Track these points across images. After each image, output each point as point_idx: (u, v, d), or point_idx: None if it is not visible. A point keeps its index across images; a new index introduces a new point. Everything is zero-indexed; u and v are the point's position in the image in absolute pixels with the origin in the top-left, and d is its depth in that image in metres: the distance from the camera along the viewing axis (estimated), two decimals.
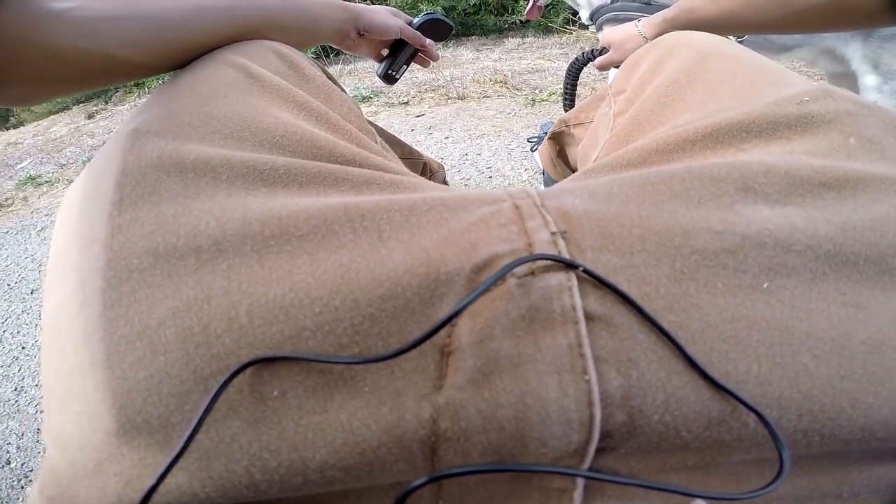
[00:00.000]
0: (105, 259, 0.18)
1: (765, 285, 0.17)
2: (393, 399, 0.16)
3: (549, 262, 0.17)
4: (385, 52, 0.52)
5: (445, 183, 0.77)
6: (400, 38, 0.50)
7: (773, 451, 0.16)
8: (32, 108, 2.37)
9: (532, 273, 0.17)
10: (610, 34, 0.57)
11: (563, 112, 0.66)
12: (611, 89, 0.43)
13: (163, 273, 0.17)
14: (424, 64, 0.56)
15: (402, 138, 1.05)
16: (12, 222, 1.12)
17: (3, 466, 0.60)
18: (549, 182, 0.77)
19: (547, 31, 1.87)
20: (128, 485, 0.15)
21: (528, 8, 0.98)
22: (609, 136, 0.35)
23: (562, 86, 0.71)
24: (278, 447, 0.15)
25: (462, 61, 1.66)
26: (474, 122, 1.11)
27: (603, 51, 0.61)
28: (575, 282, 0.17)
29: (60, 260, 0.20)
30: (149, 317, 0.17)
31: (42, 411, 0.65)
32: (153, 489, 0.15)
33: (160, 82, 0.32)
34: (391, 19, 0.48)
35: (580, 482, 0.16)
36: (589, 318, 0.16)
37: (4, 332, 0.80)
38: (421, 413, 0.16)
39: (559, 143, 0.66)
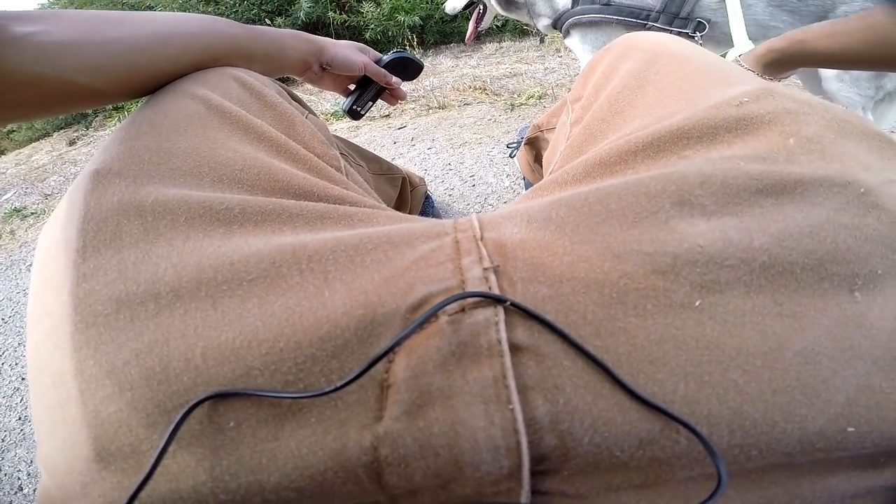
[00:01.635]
0: (73, 306, 0.20)
1: (697, 303, 0.17)
2: (337, 428, 0.17)
3: (479, 299, 0.18)
4: (352, 87, 0.53)
5: (428, 197, 0.78)
6: (366, 75, 0.50)
7: (707, 466, 0.16)
8: (13, 136, 2.34)
9: (463, 310, 0.18)
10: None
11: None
12: (569, 97, 0.43)
13: (125, 318, 0.19)
14: (391, 102, 0.55)
15: (385, 152, 1.07)
16: (2, 257, 1.12)
17: (17, 493, 0.61)
18: (529, 187, 0.79)
19: (523, 34, 1.89)
20: None
21: (468, 34, 1.01)
22: (564, 146, 0.36)
23: (539, 90, 0.71)
24: (237, 471, 0.17)
25: (441, 69, 1.68)
26: (456, 131, 1.13)
27: None
28: (502, 316, 0.18)
29: (36, 304, 0.22)
30: (115, 358, 0.18)
31: None
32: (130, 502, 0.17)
33: (139, 106, 0.31)
34: (355, 55, 0.48)
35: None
36: (516, 349, 0.17)
37: (3, 364, 0.81)
38: (362, 441, 0.17)
39: (535, 148, 0.68)
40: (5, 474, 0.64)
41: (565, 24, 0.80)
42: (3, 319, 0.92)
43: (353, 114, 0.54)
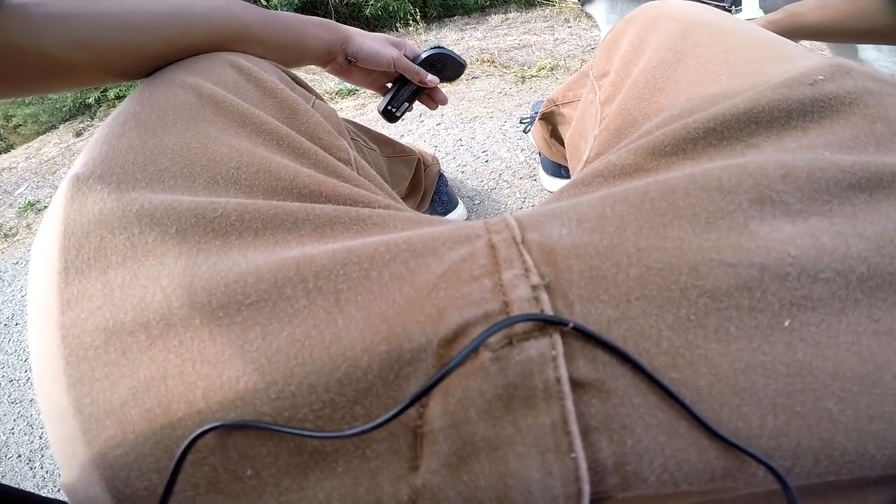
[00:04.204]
0: (60, 336, 0.18)
1: (786, 323, 0.15)
2: (369, 479, 0.16)
3: (528, 328, 0.15)
4: (388, 85, 0.49)
5: (441, 175, 0.75)
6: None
7: (777, 483, 0.15)
8: (20, 130, 2.35)
9: (510, 343, 0.15)
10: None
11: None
12: (592, 72, 0.39)
13: (116, 350, 0.17)
14: (429, 105, 0.51)
15: (393, 129, 1.04)
16: (20, 252, 1.13)
17: (59, 490, 0.63)
18: (545, 163, 0.77)
19: (529, 4, 1.82)
20: None
21: None
22: (598, 129, 0.33)
23: (550, 62, 0.68)
24: None
25: (446, 43, 1.63)
26: (465, 105, 1.10)
27: None
28: (560, 349, 0.15)
29: (33, 329, 0.20)
30: (111, 396, 0.17)
31: None
32: None
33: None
34: (385, 48, 0.43)
35: None
36: (577, 385, 0.15)
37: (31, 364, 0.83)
38: (399, 494, 0.15)
39: (551, 122, 0.65)
40: (46, 472, 0.65)
41: None
42: (26, 318, 0.93)
43: (388, 115, 0.50)
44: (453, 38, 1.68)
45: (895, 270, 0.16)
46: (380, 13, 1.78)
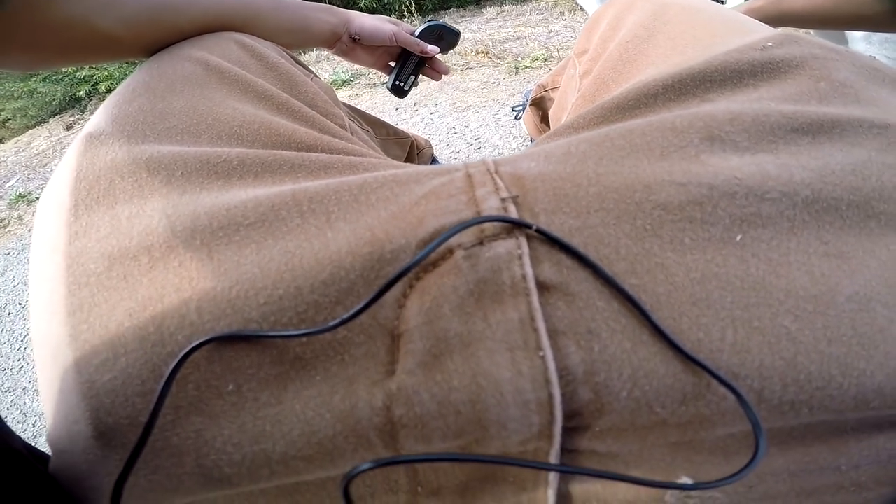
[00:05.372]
0: (65, 266, 0.18)
1: (738, 238, 0.15)
2: (345, 387, 0.16)
3: (497, 230, 0.16)
4: (392, 64, 0.51)
5: (434, 160, 0.77)
6: (405, 49, 0.48)
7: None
8: (9, 125, 2.31)
9: (480, 243, 0.16)
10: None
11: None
12: (573, 50, 0.42)
13: (118, 275, 0.18)
14: (434, 76, 0.54)
15: (387, 118, 1.05)
16: (12, 243, 1.12)
17: None
18: None
19: None
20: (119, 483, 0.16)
21: None
22: (576, 98, 0.35)
23: (544, 53, 0.70)
24: (240, 440, 0.16)
25: None
26: (459, 95, 1.10)
27: None
28: (526, 248, 0.16)
29: (35, 273, 0.21)
30: (108, 320, 0.17)
31: None
32: (122, 481, 0.15)
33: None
34: (384, 24, 0.47)
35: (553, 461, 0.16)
36: (543, 287, 0.15)
37: (26, 349, 0.82)
38: (373, 401, 0.15)
39: (541, 108, 0.67)
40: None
41: None
42: (20, 304, 0.93)
43: (397, 90, 0.52)
44: None
45: (839, 196, 0.16)
46: (375, 5, 1.77)
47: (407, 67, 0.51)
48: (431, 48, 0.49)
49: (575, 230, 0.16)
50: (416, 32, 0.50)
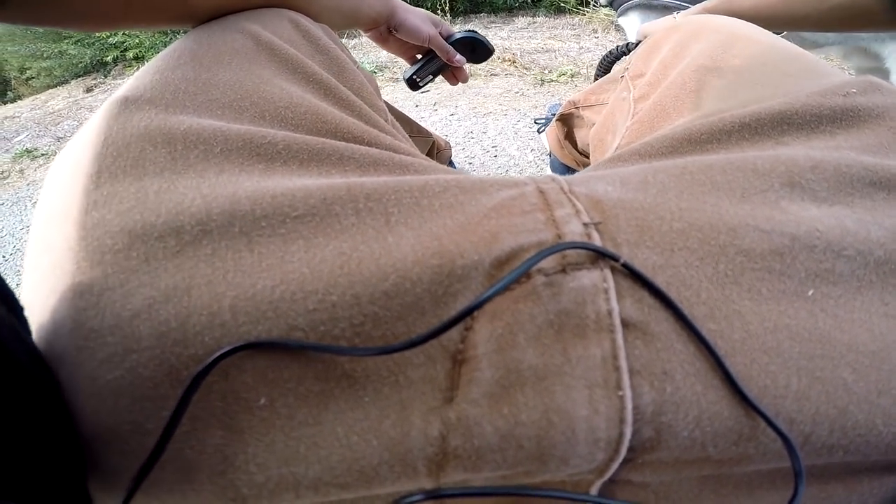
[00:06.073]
0: (77, 238, 0.16)
1: (810, 293, 0.16)
2: (397, 412, 0.14)
3: (581, 258, 0.15)
4: (418, 57, 0.52)
5: (451, 163, 0.74)
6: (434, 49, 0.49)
7: (788, 461, 0.15)
8: (31, 83, 2.33)
9: (563, 270, 0.15)
10: (648, 27, 0.55)
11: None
12: (628, 72, 0.41)
13: (139, 256, 0.15)
14: (451, 81, 0.55)
15: (406, 114, 1.02)
16: (8, 194, 1.10)
17: None
18: (555, 164, 0.74)
19: (559, 11, 1.80)
20: (111, 496, 0.15)
21: None
22: (631, 122, 0.34)
23: (572, 68, 0.68)
24: (266, 461, 0.14)
25: None
26: (480, 100, 1.08)
27: (639, 44, 0.57)
28: (612, 283, 0.15)
29: (36, 239, 0.18)
30: (122, 307, 0.15)
31: None
32: (130, 495, 0.14)
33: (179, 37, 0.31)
34: (425, 24, 0.47)
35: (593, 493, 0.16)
36: (624, 324, 0.15)
37: None
38: (429, 429, 0.14)
39: (567, 124, 0.64)
40: None
41: (626, 4, 0.74)
42: (3, 257, 0.90)
43: (412, 83, 0.52)
44: None
45: None
46: (408, 0, 1.77)
47: (429, 66, 0.51)
48: (459, 59, 0.50)
49: (658, 268, 0.16)
50: (452, 39, 0.50)
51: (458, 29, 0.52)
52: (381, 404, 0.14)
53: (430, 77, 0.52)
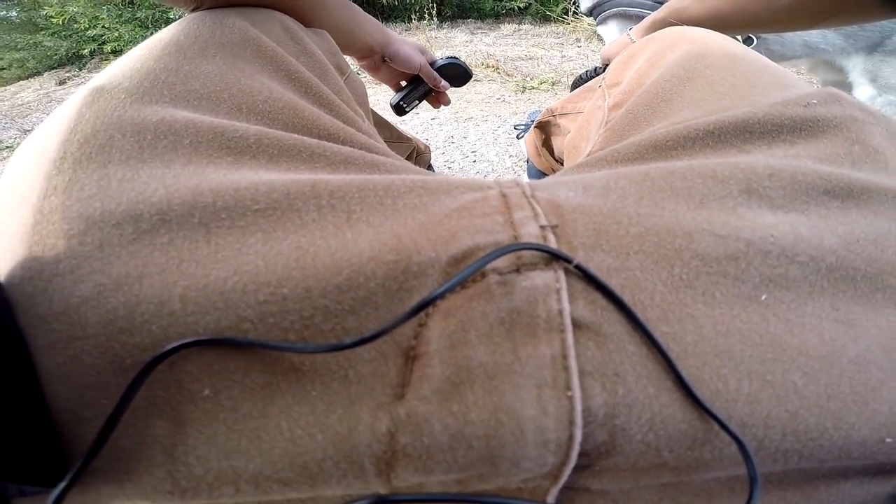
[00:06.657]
0: (32, 223, 0.15)
1: (763, 297, 0.16)
2: (345, 407, 0.14)
3: (535, 259, 0.15)
4: (403, 83, 0.54)
5: (430, 166, 0.74)
6: (419, 74, 0.51)
7: (745, 467, 0.15)
8: (2, 73, 2.24)
9: (517, 270, 0.15)
10: (607, 50, 0.56)
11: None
12: (604, 81, 0.42)
13: (93, 242, 0.15)
14: (435, 104, 0.57)
15: (387, 118, 1.02)
16: None
17: None
18: (532, 170, 0.75)
19: (545, 19, 1.83)
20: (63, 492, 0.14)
21: None
22: (603, 129, 0.34)
23: (553, 76, 0.69)
24: (206, 453, 0.14)
25: (455, 43, 1.61)
26: (462, 106, 1.08)
27: (606, 67, 0.58)
28: (564, 283, 0.15)
29: None
30: (70, 294, 0.14)
31: None
32: (63, 493, 0.13)
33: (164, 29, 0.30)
34: (416, 54, 0.49)
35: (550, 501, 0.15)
36: (576, 325, 0.15)
37: None
38: (377, 425, 0.14)
39: (545, 132, 0.65)
40: None
41: (605, 12, 0.74)
42: None
43: (399, 109, 0.55)
44: (463, 39, 1.67)
45: (857, 267, 0.17)
46: (396, 3, 1.76)
47: (415, 92, 0.54)
48: (444, 85, 0.53)
49: (613, 270, 0.16)
50: (436, 65, 0.52)
51: (443, 35, 0.54)
52: (329, 399, 0.14)
53: (416, 102, 0.55)
